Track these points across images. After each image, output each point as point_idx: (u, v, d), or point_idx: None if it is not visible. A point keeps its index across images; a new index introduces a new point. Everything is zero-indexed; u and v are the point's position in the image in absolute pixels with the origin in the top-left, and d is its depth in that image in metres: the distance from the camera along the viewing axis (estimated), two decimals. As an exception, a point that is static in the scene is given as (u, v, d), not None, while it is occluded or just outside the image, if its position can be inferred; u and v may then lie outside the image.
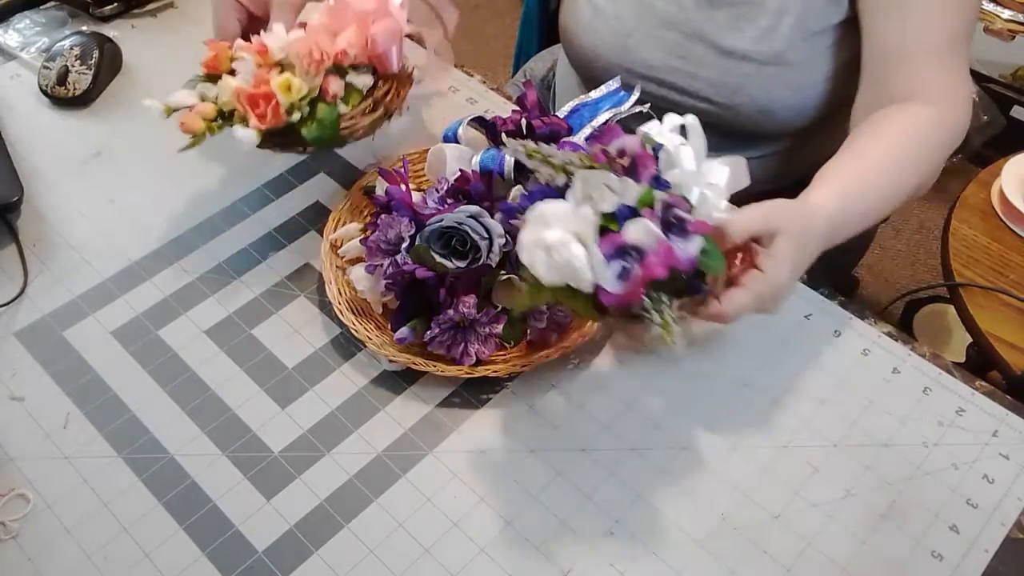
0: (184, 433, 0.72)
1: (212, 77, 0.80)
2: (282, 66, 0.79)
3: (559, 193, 0.63)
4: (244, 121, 0.78)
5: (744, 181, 0.67)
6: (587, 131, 0.80)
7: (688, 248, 0.60)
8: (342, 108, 0.81)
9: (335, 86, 0.79)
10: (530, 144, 0.62)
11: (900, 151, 0.80)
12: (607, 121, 0.81)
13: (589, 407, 0.74)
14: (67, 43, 1.02)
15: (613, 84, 0.85)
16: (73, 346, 0.78)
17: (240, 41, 0.81)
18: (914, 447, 0.72)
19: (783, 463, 0.71)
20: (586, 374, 0.77)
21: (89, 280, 0.83)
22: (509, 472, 0.70)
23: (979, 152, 1.85)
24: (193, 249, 0.86)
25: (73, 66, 1.00)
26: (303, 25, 0.81)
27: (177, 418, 0.73)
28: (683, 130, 0.66)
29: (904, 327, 1.67)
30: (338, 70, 0.80)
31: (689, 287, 0.63)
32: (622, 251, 0.59)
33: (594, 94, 0.84)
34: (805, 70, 0.90)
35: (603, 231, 0.60)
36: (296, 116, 0.78)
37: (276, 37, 0.80)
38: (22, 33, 1.09)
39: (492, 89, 1.03)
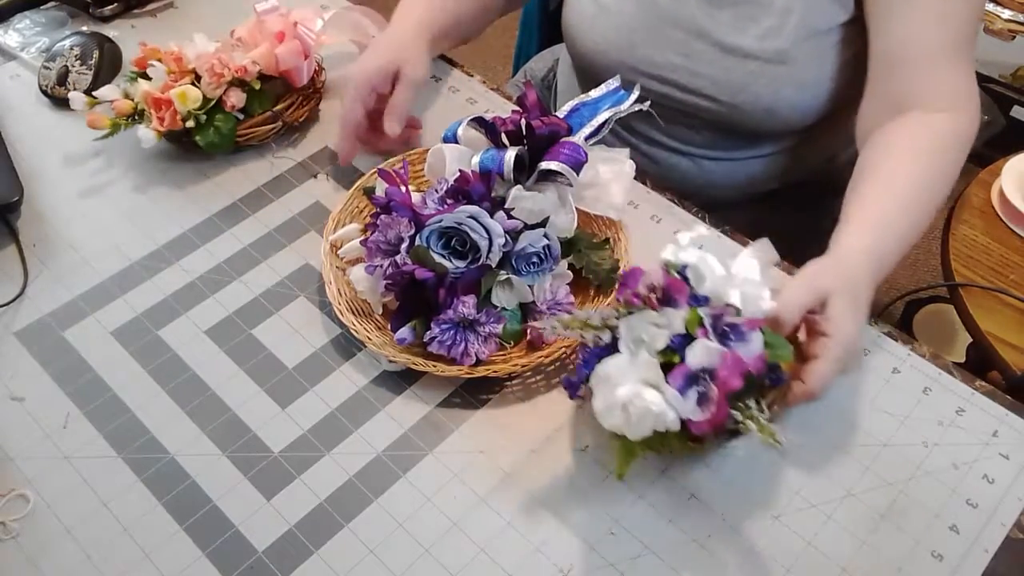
0: (184, 433, 0.72)
1: (141, 76, 0.92)
2: (196, 74, 0.90)
3: (612, 348, 0.64)
4: (150, 121, 0.88)
5: (773, 258, 0.69)
6: (587, 130, 0.80)
7: (751, 348, 0.62)
8: (241, 117, 0.91)
9: (235, 98, 0.90)
10: (564, 317, 0.65)
11: (923, 169, 0.79)
12: (607, 121, 0.81)
13: (589, 407, 0.74)
14: (67, 43, 1.02)
15: (613, 83, 0.85)
16: (73, 346, 0.78)
17: (161, 49, 0.92)
18: (914, 447, 0.72)
19: (783, 463, 0.71)
20: (586, 374, 0.77)
21: (89, 280, 0.83)
22: (509, 472, 0.70)
23: (979, 152, 1.84)
24: (193, 249, 0.86)
25: (73, 66, 1.00)
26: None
27: (177, 418, 0.73)
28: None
29: (904, 327, 1.67)
30: (241, 83, 0.90)
31: (772, 381, 0.65)
32: (693, 378, 0.61)
33: (594, 93, 0.84)
34: (809, 69, 0.90)
35: (669, 367, 0.62)
36: (191, 123, 0.88)
37: (193, 47, 0.91)
38: (22, 33, 1.09)
39: (492, 89, 1.02)
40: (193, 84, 0.89)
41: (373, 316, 0.79)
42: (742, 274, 0.67)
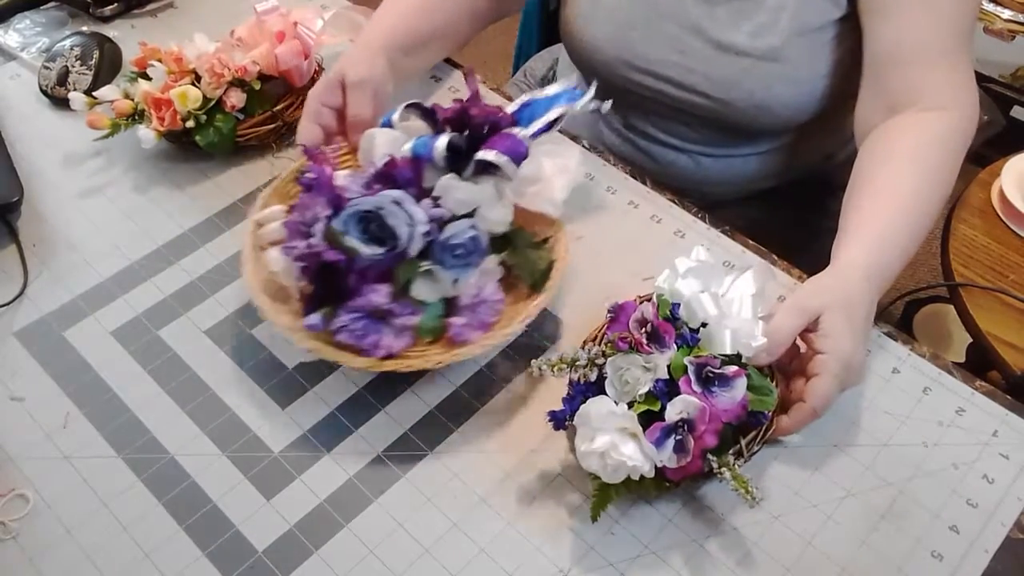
0: (184, 433, 0.72)
1: (141, 76, 0.92)
2: (196, 74, 0.90)
3: (598, 385, 0.65)
4: (150, 121, 0.88)
5: (771, 280, 0.71)
6: (536, 126, 0.79)
7: (735, 394, 0.63)
8: (241, 117, 0.91)
9: (235, 98, 0.90)
10: (552, 358, 0.65)
11: (921, 173, 0.78)
12: (559, 117, 0.80)
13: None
14: (67, 43, 1.02)
15: (569, 82, 0.85)
16: (73, 346, 0.78)
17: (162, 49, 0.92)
18: (914, 447, 0.72)
19: (783, 463, 0.71)
20: (586, 374, 0.77)
21: (89, 280, 0.83)
22: (509, 472, 0.70)
23: (979, 152, 1.84)
24: (193, 249, 0.86)
25: (73, 66, 1.00)
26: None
27: (177, 418, 0.73)
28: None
29: (904, 327, 1.67)
30: (240, 83, 0.90)
31: (753, 423, 0.66)
32: (671, 429, 0.62)
33: (549, 90, 0.83)
34: (802, 66, 0.90)
35: (649, 415, 0.63)
36: (191, 123, 0.88)
37: (193, 47, 0.90)
38: (22, 33, 1.09)
39: (492, 89, 1.02)
40: (193, 84, 0.89)
41: (292, 301, 0.75)
42: (735, 307, 0.68)
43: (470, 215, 0.72)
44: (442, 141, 0.73)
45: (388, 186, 0.72)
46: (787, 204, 1.08)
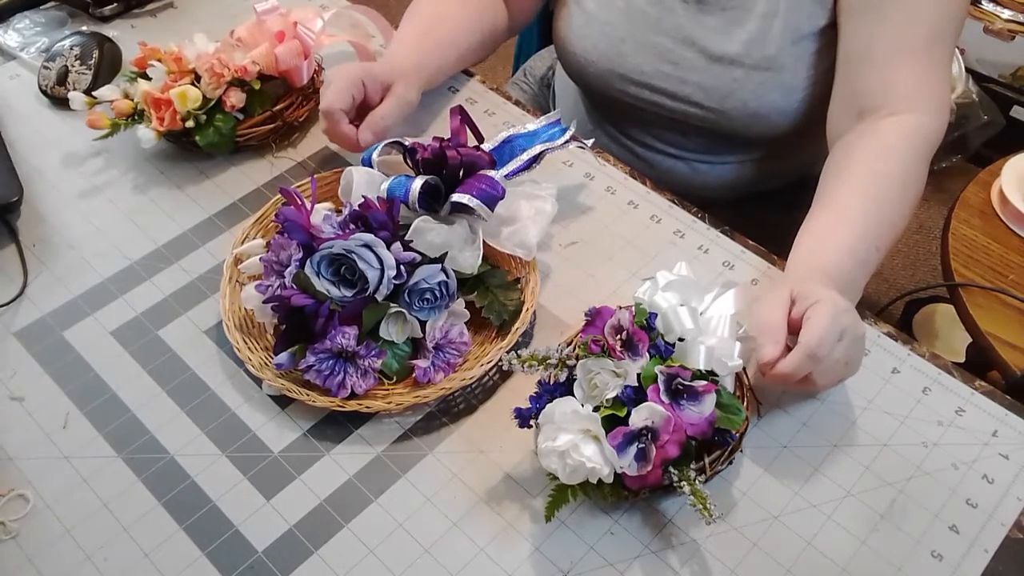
0: (184, 433, 0.72)
1: (141, 76, 0.92)
2: (196, 74, 0.90)
3: (567, 386, 0.65)
4: (150, 121, 0.88)
5: (751, 300, 0.71)
6: (515, 165, 0.79)
7: (703, 409, 0.62)
8: (241, 117, 0.91)
9: (234, 98, 0.90)
10: (524, 353, 0.65)
11: (868, 191, 0.79)
12: (540, 155, 0.81)
13: (589, 407, 0.74)
14: (67, 43, 1.02)
15: (553, 116, 0.85)
16: (73, 346, 0.78)
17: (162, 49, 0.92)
18: (914, 447, 0.72)
19: (783, 463, 0.71)
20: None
21: (89, 280, 0.83)
22: (509, 472, 0.70)
23: (979, 152, 1.85)
24: (193, 249, 0.86)
25: (73, 66, 1.00)
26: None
27: (177, 418, 0.73)
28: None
29: (904, 327, 1.67)
30: (240, 83, 0.90)
31: (719, 441, 0.66)
32: (634, 436, 0.62)
33: (531, 126, 0.85)
34: (794, 74, 0.91)
35: (612, 419, 0.62)
36: (191, 123, 0.88)
37: (193, 47, 0.90)
38: (22, 33, 1.09)
39: (492, 89, 1.02)
40: (193, 84, 0.89)
41: (265, 336, 0.77)
42: (713, 324, 0.68)
43: (439, 258, 0.73)
44: (416, 184, 0.74)
45: (362, 227, 0.72)
46: (788, 204, 1.08)
